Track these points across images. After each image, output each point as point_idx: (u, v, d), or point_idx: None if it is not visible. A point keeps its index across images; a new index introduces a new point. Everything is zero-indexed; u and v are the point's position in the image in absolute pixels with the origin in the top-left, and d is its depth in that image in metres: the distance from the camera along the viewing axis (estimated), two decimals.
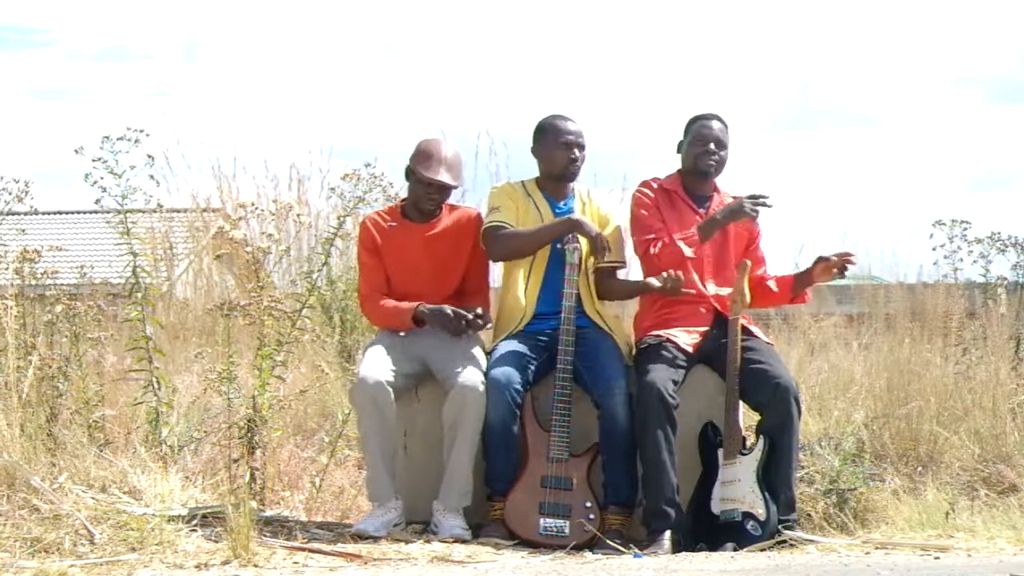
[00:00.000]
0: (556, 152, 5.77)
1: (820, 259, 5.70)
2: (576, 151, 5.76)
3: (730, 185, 5.91)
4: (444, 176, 5.67)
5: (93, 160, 6.00)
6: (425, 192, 5.70)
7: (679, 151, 5.86)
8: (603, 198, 5.93)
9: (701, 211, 5.78)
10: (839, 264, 5.67)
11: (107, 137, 5.99)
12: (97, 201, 6.11)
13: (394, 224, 5.77)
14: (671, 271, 5.55)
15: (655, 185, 5.82)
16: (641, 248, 5.73)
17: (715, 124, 5.80)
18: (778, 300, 5.97)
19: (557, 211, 5.77)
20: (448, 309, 5.59)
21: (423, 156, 5.69)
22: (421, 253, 5.70)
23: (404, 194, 5.98)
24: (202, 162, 12.61)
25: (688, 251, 5.62)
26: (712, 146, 5.76)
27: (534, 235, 5.69)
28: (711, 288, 5.72)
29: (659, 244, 5.65)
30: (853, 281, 9.69)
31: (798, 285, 5.81)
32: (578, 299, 5.63)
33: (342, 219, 6.65)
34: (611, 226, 5.80)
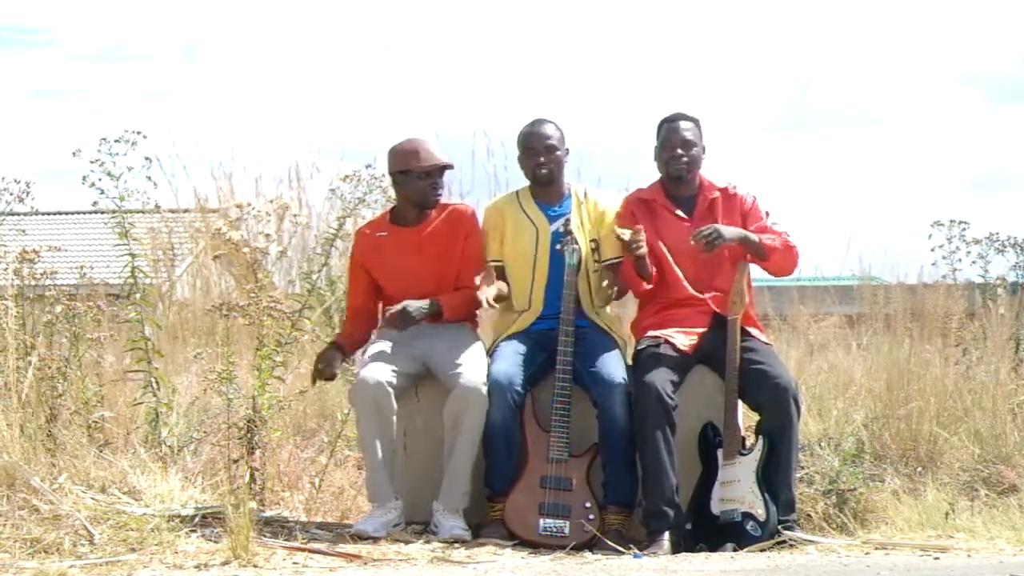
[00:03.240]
0: (523, 159, 5.81)
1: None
2: (541, 156, 5.73)
3: (722, 176, 5.86)
4: (441, 157, 5.70)
5: (91, 162, 6.01)
6: (429, 184, 5.70)
7: (655, 158, 5.85)
8: (601, 195, 5.92)
9: (684, 214, 5.75)
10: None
11: (104, 139, 6.01)
12: (94, 203, 6.12)
13: (384, 234, 5.78)
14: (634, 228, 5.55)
15: (633, 199, 5.81)
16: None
17: (681, 124, 5.76)
18: (766, 264, 5.79)
19: (551, 215, 5.77)
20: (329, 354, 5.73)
21: (408, 154, 5.70)
22: (415, 257, 5.70)
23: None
24: (202, 162, 12.64)
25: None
26: (679, 150, 5.73)
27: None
28: (705, 293, 5.70)
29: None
30: (853, 281, 9.70)
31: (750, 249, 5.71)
32: (577, 300, 5.63)
33: (342, 220, 6.65)
34: (610, 220, 5.78)
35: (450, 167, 5.77)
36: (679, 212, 5.74)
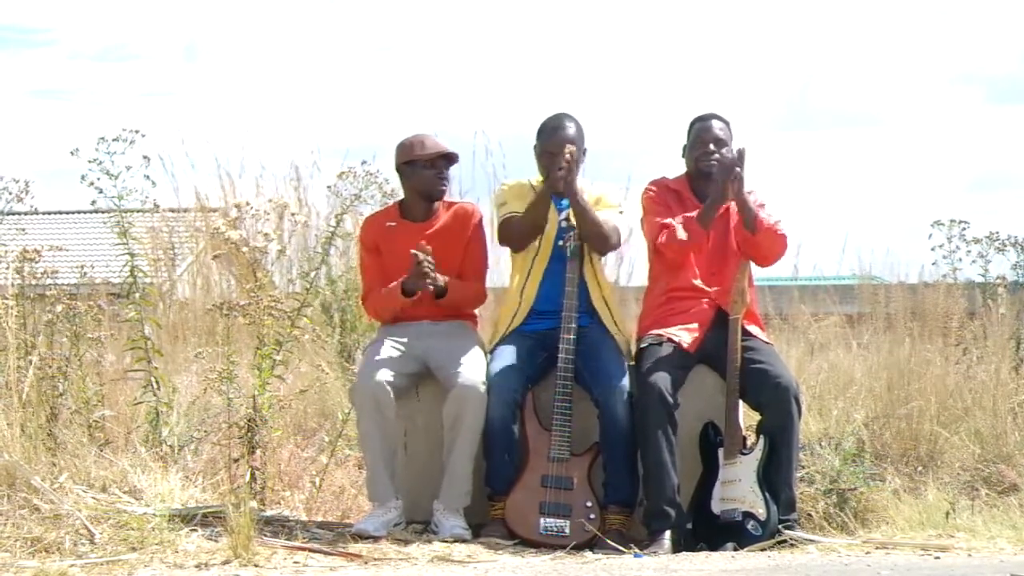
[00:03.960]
0: (541, 159, 5.77)
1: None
2: (562, 160, 5.61)
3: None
4: (445, 146, 5.70)
5: (89, 161, 6.01)
6: (434, 174, 5.70)
7: (683, 155, 5.87)
8: (603, 186, 5.90)
9: None
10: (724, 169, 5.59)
11: (103, 138, 6.01)
12: (93, 202, 6.13)
13: (393, 224, 5.78)
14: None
15: (662, 183, 5.84)
16: (651, 242, 5.74)
17: (714, 123, 5.79)
18: (753, 242, 5.74)
19: (560, 208, 5.77)
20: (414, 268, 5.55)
21: (412, 144, 5.72)
22: None
23: (400, 190, 5.99)
24: (201, 162, 12.61)
25: (683, 234, 5.60)
26: (712, 146, 5.75)
27: (527, 211, 5.67)
28: (712, 286, 5.71)
29: (664, 234, 5.65)
30: (854, 280, 9.69)
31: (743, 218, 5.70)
32: (582, 295, 5.62)
33: (339, 217, 6.66)
34: (605, 205, 5.75)
35: (454, 156, 5.77)
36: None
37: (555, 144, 5.68)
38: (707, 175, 5.75)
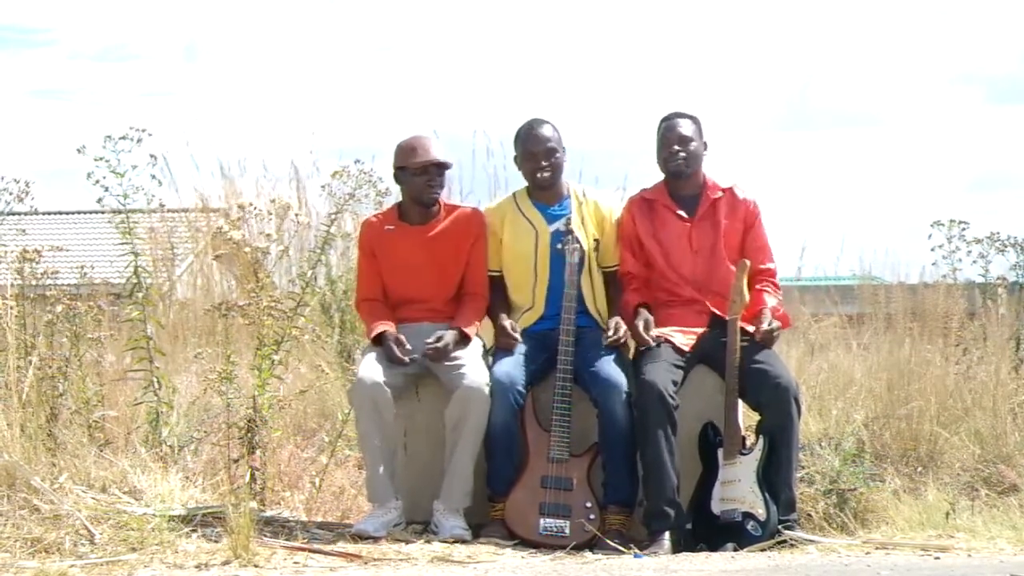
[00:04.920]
0: (524, 164, 5.79)
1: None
2: (542, 160, 5.70)
3: (726, 176, 5.87)
4: (436, 153, 5.69)
5: (96, 159, 6.02)
6: (424, 181, 5.70)
7: (656, 159, 5.86)
8: (601, 196, 5.93)
9: (685, 213, 5.76)
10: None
11: (109, 136, 6.02)
12: (99, 200, 6.14)
13: (392, 228, 5.77)
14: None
15: (637, 198, 5.83)
16: (620, 278, 5.77)
17: (677, 122, 5.77)
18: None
19: (550, 215, 5.76)
20: (391, 341, 5.55)
21: (407, 150, 5.72)
22: (421, 255, 5.70)
23: (395, 190, 6.00)
24: (202, 162, 12.61)
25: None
26: (676, 146, 5.73)
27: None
28: (703, 293, 5.70)
29: (623, 298, 5.71)
30: (854, 281, 9.70)
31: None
32: (579, 298, 5.63)
33: (333, 216, 6.67)
34: (612, 223, 5.80)
35: (445, 165, 5.76)
36: (680, 212, 5.75)
37: (535, 143, 5.71)
38: (676, 175, 5.74)
